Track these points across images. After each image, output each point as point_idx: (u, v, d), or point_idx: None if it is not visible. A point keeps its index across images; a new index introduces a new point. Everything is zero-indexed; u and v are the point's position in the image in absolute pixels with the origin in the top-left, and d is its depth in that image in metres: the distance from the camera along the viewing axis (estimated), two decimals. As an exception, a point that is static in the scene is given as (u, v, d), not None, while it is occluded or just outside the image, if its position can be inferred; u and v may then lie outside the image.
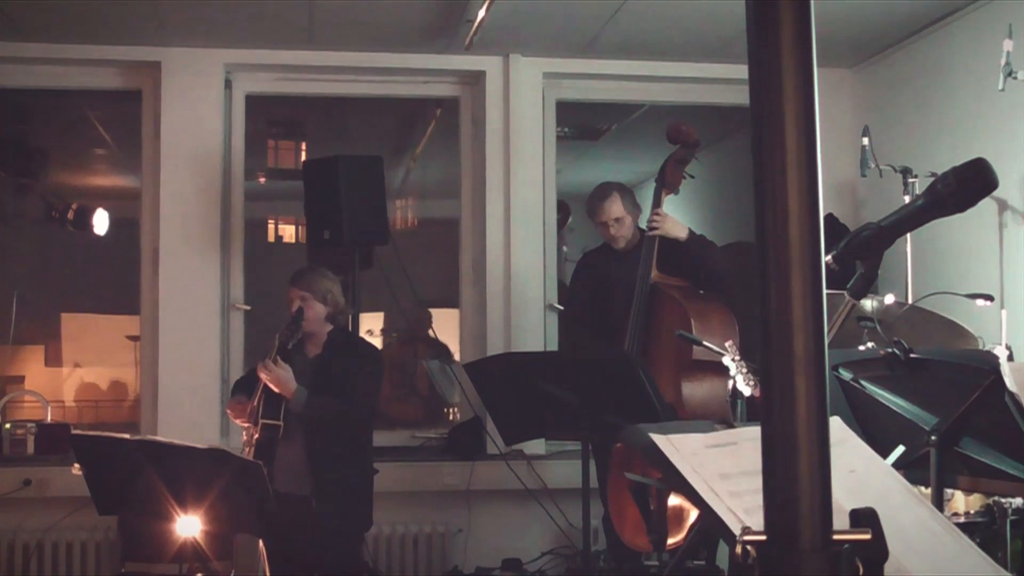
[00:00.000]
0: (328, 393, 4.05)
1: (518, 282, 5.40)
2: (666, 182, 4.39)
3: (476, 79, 5.53)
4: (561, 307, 5.48)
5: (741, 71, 1.04)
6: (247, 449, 3.99)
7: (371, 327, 7.62)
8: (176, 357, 5.17)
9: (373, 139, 7.09)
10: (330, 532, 3.96)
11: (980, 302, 3.86)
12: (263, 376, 3.99)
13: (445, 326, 6.73)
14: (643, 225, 4.53)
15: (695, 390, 4.13)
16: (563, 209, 6.67)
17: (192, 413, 5.10)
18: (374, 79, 5.54)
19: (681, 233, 4.34)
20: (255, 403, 4.01)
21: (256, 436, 3.97)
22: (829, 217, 5.21)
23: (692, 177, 4.43)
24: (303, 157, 7.80)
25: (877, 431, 2.16)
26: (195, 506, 3.21)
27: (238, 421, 4.13)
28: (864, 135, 4.64)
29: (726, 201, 7.57)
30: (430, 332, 6.82)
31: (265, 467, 3.51)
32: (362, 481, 4.17)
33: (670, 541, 3.46)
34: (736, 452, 1.54)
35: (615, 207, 4.50)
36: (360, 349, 4.34)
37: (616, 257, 4.59)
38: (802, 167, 0.90)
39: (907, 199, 4.45)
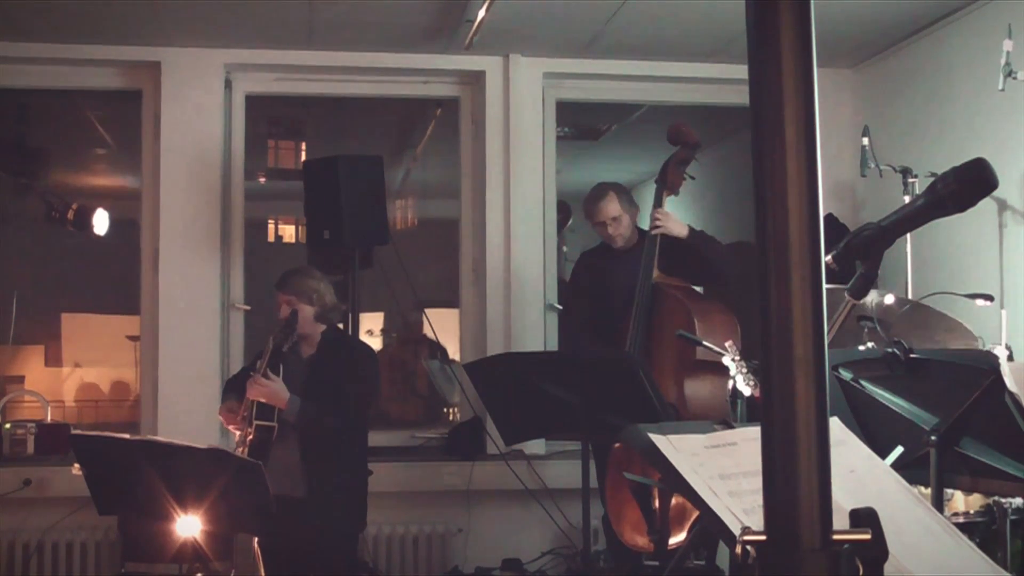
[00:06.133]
0: (323, 394, 4.02)
1: (518, 282, 5.40)
2: (667, 183, 4.39)
3: (476, 79, 5.53)
4: (561, 307, 5.48)
5: (741, 71, 1.04)
6: (240, 450, 3.94)
7: (371, 327, 7.62)
8: (176, 357, 5.17)
9: (373, 139, 7.08)
10: (324, 532, 3.95)
11: (980, 302, 3.86)
12: (254, 395, 3.94)
13: (445, 326, 6.73)
14: (642, 224, 4.53)
15: (697, 390, 4.13)
16: (564, 210, 6.67)
17: (192, 413, 5.09)
18: (374, 79, 5.54)
19: (682, 231, 4.34)
20: (247, 405, 3.98)
21: (250, 437, 3.93)
22: (829, 217, 5.21)
23: (692, 178, 4.43)
24: (303, 157, 7.80)
25: (877, 431, 2.16)
26: (195, 506, 3.21)
27: (230, 427, 4.10)
28: (864, 135, 4.65)
29: (726, 201, 7.56)
30: (428, 333, 6.81)
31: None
32: (357, 482, 4.16)
33: (671, 541, 3.46)
34: (736, 452, 1.54)
35: (612, 206, 4.49)
36: (354, 349, 4.30)
37: (614, 257, 4.58)
38: (802, 167, 0.90)
39: (907, 199, 4.45)
